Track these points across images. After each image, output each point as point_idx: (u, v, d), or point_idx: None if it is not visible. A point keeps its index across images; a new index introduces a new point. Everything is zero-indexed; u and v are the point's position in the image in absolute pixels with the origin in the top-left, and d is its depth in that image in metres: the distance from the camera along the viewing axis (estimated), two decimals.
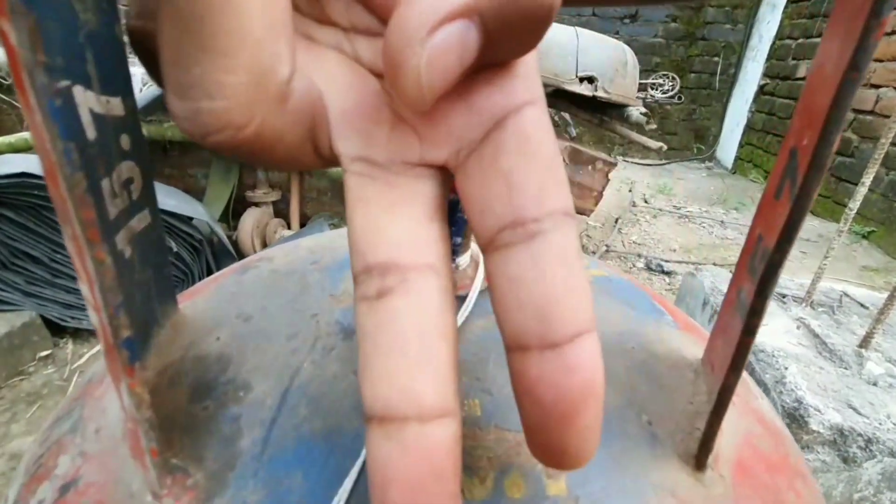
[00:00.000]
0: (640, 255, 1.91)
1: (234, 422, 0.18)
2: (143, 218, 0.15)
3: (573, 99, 1.40)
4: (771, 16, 3.27)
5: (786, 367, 0.79)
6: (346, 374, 0.20)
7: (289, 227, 1.60)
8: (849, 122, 2.30)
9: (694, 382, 0.20)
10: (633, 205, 2.52)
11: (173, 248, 1.19)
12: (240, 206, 1.55)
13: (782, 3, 3.11)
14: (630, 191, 2.78)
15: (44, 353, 1.16)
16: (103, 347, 0.14)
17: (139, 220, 0.15)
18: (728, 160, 3.57)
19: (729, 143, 3.61)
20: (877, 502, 0.71)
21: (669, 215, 2.43)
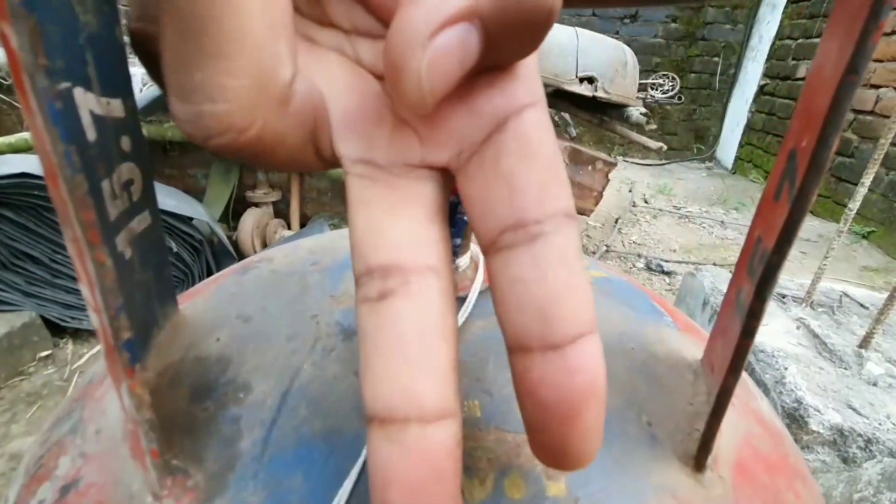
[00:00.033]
0: (640, 256, 1.91)
1: (234, 423, 0.18)
2: (144, 219, 0.15)
3: (573, 99, 1.40)
4: (771, 16, 3.27)
5: (785, 367, 0.79)
6: (347, 375, 0.20)
7: (289, 228, 1.60)
8: (849, 122, 2.30)
9: (693, 383, 0.20)
10: (633, 205, 2.52)
11: (173, 249, 1.19)
12: (240, 207, 1.55)
13: (782, 3, 3.10)
14: (630, 191, 2.78)
15: (44, 354, 1.16)
16: (104, 349, 0.14)
17: (139, 222, 0.15)
18: (728, 160, 3.57)
19: (729, 143, 3.61)
20: (877, 502, 0.71)
21: (669, 215, 2.43)
